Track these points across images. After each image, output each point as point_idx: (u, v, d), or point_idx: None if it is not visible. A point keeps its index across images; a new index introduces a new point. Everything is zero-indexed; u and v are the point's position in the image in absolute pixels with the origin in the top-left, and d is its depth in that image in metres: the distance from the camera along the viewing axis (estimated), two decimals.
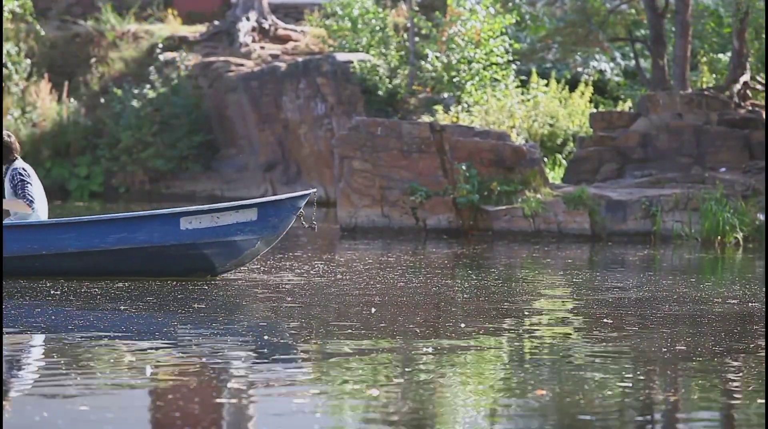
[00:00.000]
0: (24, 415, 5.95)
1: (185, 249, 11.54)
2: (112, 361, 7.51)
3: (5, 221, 11.50)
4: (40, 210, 11.64)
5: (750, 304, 10.77)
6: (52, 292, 10.64)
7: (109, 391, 6.59)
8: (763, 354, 8.07)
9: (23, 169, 11.58)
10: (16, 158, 11.69)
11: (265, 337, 8.46)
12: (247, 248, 11.73)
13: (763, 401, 6.55)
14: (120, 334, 8.45)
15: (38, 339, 8.39)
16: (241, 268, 12.28)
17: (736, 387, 7.05)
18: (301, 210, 11.97)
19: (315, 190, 12.85)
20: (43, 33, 31.83)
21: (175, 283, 11.37)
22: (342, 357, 7.80)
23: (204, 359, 7.55)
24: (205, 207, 11.72)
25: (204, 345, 8.09)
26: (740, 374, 7.44)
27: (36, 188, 11.64)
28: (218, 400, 6.41)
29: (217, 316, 9.46)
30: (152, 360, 7.52)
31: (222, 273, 11.93)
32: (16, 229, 11.36)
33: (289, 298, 10.66)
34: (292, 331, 8.81)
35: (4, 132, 11.64)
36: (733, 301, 10.93)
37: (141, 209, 25.71)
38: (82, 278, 11.46)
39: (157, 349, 7.98)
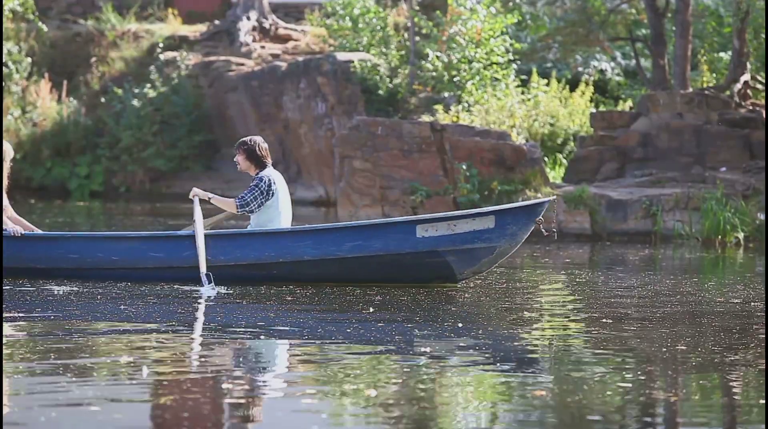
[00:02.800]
0: (29, 415, 5.95)
1: (421, 257, 11.35)
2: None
3: (248, 229, 11.52)
4: (283, 217, 11.65)
5: (750, 303, 10.76)
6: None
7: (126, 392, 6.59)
8: (763, 354, 8.07)
9: (267, 178, 11.64)
10: (267, 166, 11.77)
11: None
12: (485, 256, 11.44)
13: (763, 401, 6.54)
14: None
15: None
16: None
17: (737, 387, 7.05)
18: (541, 217, 11.53)
19: (554, 197, 12.57)
20: (45, 29, 31.84)
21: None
22: (342, 357, 7.80)
23: (201, 357, 7.55)
24: (441, 215, 11.59)
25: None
26: (740, 374, 7.43)
27: (281, 195, 11.64)
28: (217, 401, 6.41)
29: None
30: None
31: (461, 280, 11.68)
32: (255, 237, 11.40)
33: (290, 298, 10.66)
34: (294, 329, 8.81)
35: (253, 139, 11.69)
36: (734, 301, 10.92)
37: (141, 209, 25.73)
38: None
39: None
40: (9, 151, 11.97)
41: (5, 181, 12.00)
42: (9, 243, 11.50)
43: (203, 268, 11.10)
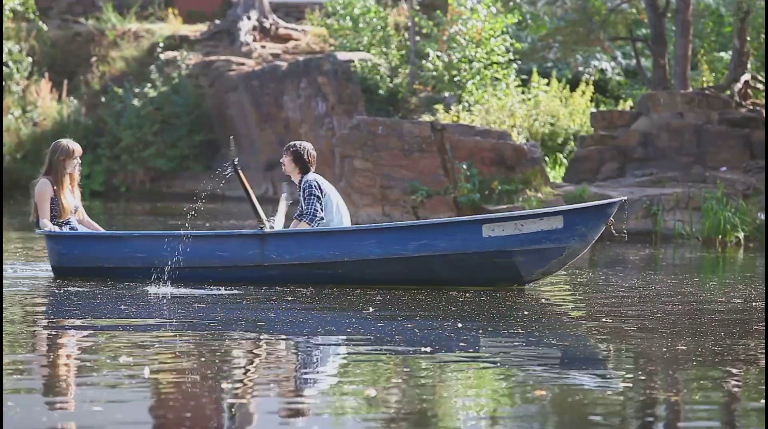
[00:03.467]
0: (31, 416, 5.95)
1: (488, 257, 11.22)
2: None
3: (305, 227, 11.46)
4: (341, 217, 11.58)
5: (750, 303, 10.76)
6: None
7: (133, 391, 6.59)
8: (764, 354, 8.07)
9: (313, 181, 11.53)
10: (310, 170, 11.64)
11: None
12: (554, 257, 11.29)
13: (763, 401, 6.54)
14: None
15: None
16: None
17: (737, 387, 7.05)
18: (612, 217, 11.43)
19: (625, 197, 12.26)
20: (46, 29, 31.84)
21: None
22: (341, 357, 7.80)
23: (200, 358, 7.55)
24: (508, 214, 11.39)
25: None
26: (741, 374, 7.43)
27: (333, 195, 11.57)
28: (216, 401, 6.41)
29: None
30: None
31: (528, 282, 11.58)
32: (319, 236, 11.34)
33: (290, 298, 10.67)
34: (294, 330, 8.81)
35: (302, 143, 11.64)
36: (734, 301, 10.92)
37: (141, 208, 25.74)
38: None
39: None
40: (78, 150, 11.97)
41: (76, 180, 11.99)
42: (79, 242, 11.59)
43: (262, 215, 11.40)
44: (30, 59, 31.79)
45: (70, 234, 11.69)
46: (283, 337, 8.59)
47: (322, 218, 11.51)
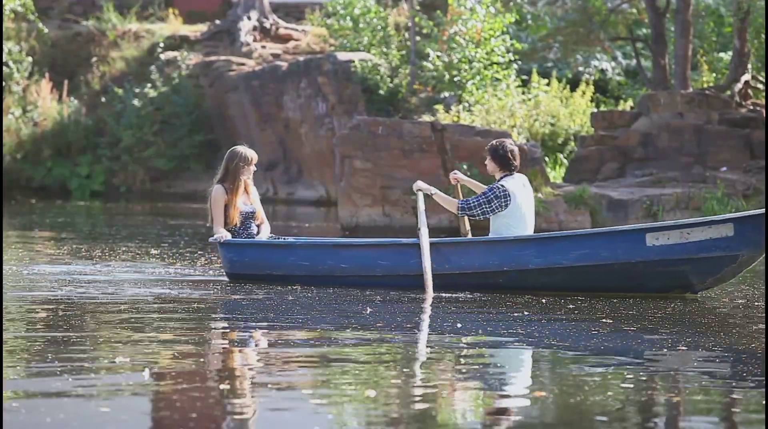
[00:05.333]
0: (36, 416, 5.95)
1: (653, 266, 10.94)
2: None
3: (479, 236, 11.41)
4: (523, 225, 11.34)
5: (750, 303, 10.75)
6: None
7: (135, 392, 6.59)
8: (764, 354, 8.07)
9: (502, 188, 11.24)
10: (512, 170, 11.36)
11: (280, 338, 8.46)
12: (726, 265, 10.94)
13: (764, 401, 6.54)
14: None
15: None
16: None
17: (737, 387, 7.05)
18: None
19: None
20: (46, 30, 31.84)
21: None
22: (341, 358, 7.80)
23: (200, 359, 7.55)
24: (673, 223, 11.11)
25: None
26: (740, 374, 7.43)
27: (521, 203, 11.30)
28: (216, 401, 6.41)
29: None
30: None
31: (701, 290, 11.27)
32: (479, 245, 11.21)
33: (291, 299, 10.67)
34: (300, 332, 8.81)
35: (502, 142, 11.42)
36: (735, 301, 10.91)
37: (141, 208, 25.74)
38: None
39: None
40: (254, 157, 11.99)
41: (250, 186, 12.01)
42: (248, 250, 11.68)
43: (427, 267, 11.08)
44: (30, 59, 31.80)
45: (239, 242, 11.73)
46: (284, 337, 8.59)
47: (473, 216, 11.30)
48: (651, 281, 11.09)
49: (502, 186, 11.28)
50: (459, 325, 9.17)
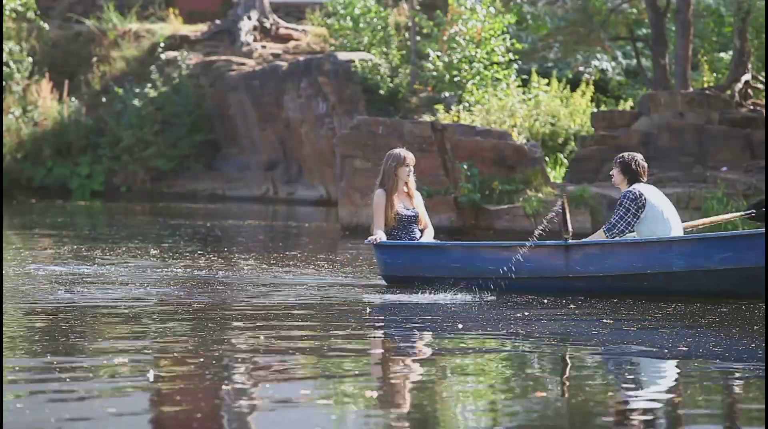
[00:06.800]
0: (40, 415, 5.95)
1: None
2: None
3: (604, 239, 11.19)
4: (669, 226, 11.10)
5: (750, 303, 10.75)
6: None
7: (139, 393, 6.59)
8: (764, 354, 8.07)
9: (633, 191, 11.04)
10: (638, 181, 11.15)
11: (265, 336, 8.47)
12: None
13: (764, 401, 6.55)
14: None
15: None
16: None
17: (737, 387, 7.05)
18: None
19: None
20: (47, 29, 31.83)
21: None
22: (341, 357, 7.80)
23: (202, 359, 7.55)
24: None
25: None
26: (741, 374, 7.43)
27: (658, 203, 11.08)
28: (216, 402, 6.41)
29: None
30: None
31: None
32: (623, 247, 11.03)
33: (291, 297, 10.67)
34: (294, 329, 8.81)
35: (631, 155, 11.18)
36: (735, 301, 10.90)
37: (141, 208, 25.74)
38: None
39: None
40: (410, 158, 11.95)
41: (412, 188, 11.97)
42: (402, 252, 11.63)
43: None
44: (31, 59, 31.79)
45: (390, 244, 11.69)
46: (286, 338, 8.59)
47: (622, 232, 11.09)
48: None
49: (633, 191, 11.02)
50: (460, 326, 9.18)
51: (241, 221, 21.90)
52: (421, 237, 11.93)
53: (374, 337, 8.62)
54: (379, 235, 11.70)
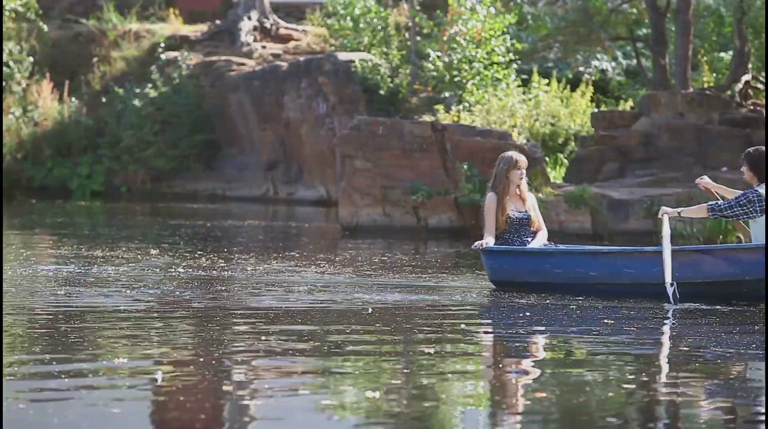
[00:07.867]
0: (42, 416, 5.95)
1: None
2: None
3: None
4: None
5: (750, 303, 10.76)
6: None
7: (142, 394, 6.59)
8: (764, 353, 8.07)
9: (754, 193, 10.76)
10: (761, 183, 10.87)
11: (264, 339, 8.47)
12: None
13: (764, 401, 6.55)
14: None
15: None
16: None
17: (737, 387, 7.05)
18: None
19: None
20: (47, 29, 31.83)
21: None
22: (341, 357, 7.80)
23: (202, 360, 7.55)
24: None
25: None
26: (741, 374, 7.44)
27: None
28: (217, 402, 6.41)
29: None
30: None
31: None
32: (723, 253, 10.92)
33: (295, 300, 10.67)
34: (294, 329, 8.81)
35: (760, 149, 10.86)
36: (734, 301, 10.91)
37: (141, 209, 25.72)
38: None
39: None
40: (522, 160, 11.94)
41: (525, 191, 11.89)
42: (507, 257, 11.56)
43: (669, 282, 10.69)
44: (31, 59, 31.79)
45: (495, 249, 11.58)
46: (287, 338, 8.58)
47: (725, 217, 10.90)
48: None
49: (755, 193, 10.79)
50: (462, 326, 9.18)
51: (241, 221, 21.89)
52: (533, 240, 11.75)
53: (374, 337, 8.62)
54: (487, 240, 11.57)
